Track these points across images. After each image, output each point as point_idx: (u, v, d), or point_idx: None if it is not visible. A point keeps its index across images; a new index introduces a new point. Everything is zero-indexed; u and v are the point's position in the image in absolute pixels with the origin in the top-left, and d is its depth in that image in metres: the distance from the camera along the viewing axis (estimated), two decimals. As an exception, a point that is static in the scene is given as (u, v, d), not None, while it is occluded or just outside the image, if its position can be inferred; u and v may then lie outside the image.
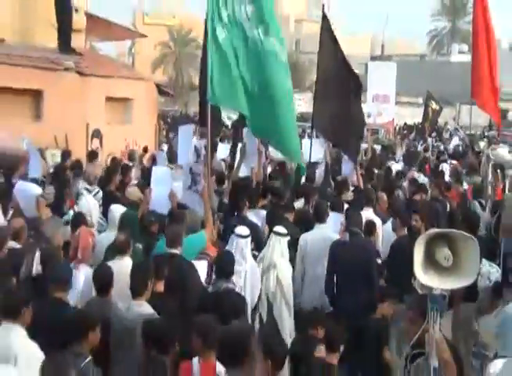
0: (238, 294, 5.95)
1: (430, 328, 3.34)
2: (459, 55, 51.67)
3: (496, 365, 3.65)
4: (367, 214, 8.42)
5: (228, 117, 20.64)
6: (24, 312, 4.57)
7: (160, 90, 18.97)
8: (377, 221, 8.35)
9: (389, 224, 8.38)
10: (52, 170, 10.53)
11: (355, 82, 11.10)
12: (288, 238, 6.91)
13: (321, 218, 7.86)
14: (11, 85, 12.42)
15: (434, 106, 27.33)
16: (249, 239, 6.75)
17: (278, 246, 6.76)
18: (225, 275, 5.96)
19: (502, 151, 17.79)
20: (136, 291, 5.41)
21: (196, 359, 4.67)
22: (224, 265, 6.02)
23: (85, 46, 16.85)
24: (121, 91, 15.21)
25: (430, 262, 3.21)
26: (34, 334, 4.63)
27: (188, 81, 40.99)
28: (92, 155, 11.71)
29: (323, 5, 11.47)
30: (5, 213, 7.83)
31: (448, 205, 10.59)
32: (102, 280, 5.63)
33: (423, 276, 3.18)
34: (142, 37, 28.20)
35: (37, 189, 8.27)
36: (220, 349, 4.26)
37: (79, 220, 7.31)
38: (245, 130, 10.80)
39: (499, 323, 3.86)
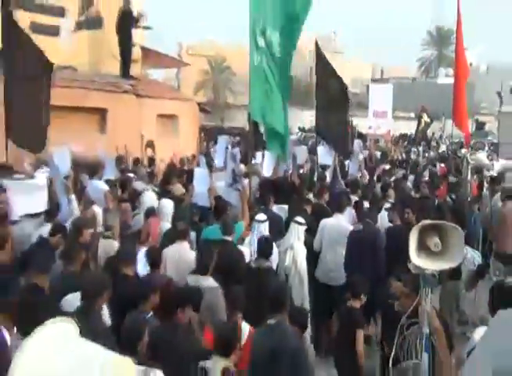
0: (274, 271, 6.03)
1: (422, 301, 3.32)
2: (445, 78, 51.20)
3: (481, 332, 3.62)
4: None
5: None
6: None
7: (201, 108, 19.01)
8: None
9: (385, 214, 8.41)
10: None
11: (346, 98, 11.29)
12: (305, 227, 6.91)
13: (340, 209, 7.88)
14: (82, 105, 12.56)
15: (425, 118, 27.11)
16: (266, 223, 6.86)
17: (295, 232, 6.76)
18: (265, 255, 6.05)
19: (480, 156, 17.61)
20: (204, 269, 5.44)
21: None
22: (264, 248, 6.09)
23: (141, 73, 16.94)
24: (169, 109, 15.28)
25: (423, 247, 3.19)
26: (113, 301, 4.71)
27: (223, 101, 40.96)
28: (150, 162, 11.96)
29: (316, 41, 11.32)
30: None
31: (436, 201, 10.52)
32: (154, 259, 5.69)
33: (417, 259, 3.17)
34: (186, 65, 28.32)
35: (105, 187, 8.37)
36: (270, 300, 4.50)
37: (150, 212, 7.43)
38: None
39: None
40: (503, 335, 2.16)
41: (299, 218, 6.93)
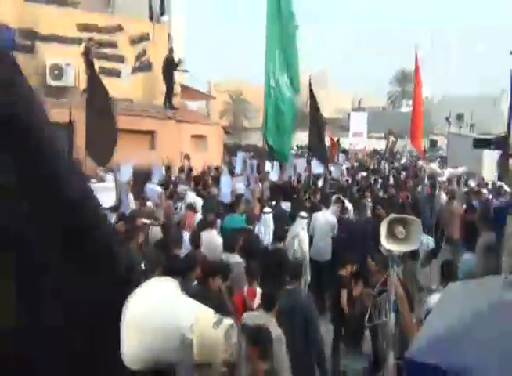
0: (285, 250, 6.06)
1: (390, 275, 3.34)
2: (407, 107, 50.98)
3: (435, 297, 3.64)
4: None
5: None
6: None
7: (224, 130, 19.11)
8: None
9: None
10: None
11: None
12: (307, 220, 6.95)
13: (327, 205, 7.99)
14: (138, 128, 12.67)
15: (392, 138, 27.03)
16: (271, 215, 6.95)
17: (300, 224, 6.78)
18: (278, 239, 6.16)
19: (433, 166, 17.49)
20: (232, 248, 5.48)
21: (245, 287, 4.77)
22: (279, 234, 6.32)
23: (180, 104, 17.04)
24: (201, 131, 15.36)
25: (391, 235, 3.22)
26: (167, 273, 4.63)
27: (240, 125, 41.07)
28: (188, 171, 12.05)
29: (310, 81, 11.31)
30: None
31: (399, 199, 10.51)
32: (196, 241, 5.73)
33: (386, 244, 3.20)
34: (213, 99, 28.39)
35: (159, 189, 8.46)
36: (289, 272, 4.57)
37: (189, 207, 7.50)
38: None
39: None
40: (453, 302, 2.20)
41: (303, 213, 6.97)
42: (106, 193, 7.20)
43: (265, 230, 6.74)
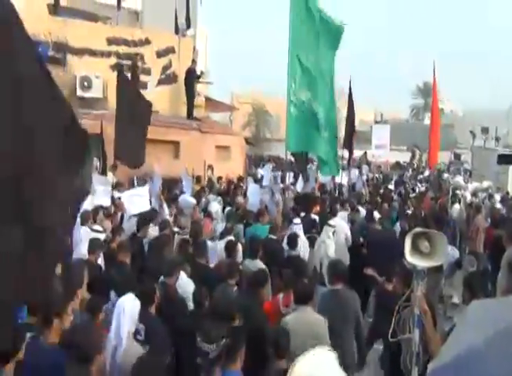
0: (300, 258, 6.04)
1: (414, 289, 3.27)
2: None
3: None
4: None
5: None
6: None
7: (247, 141, 19.19)
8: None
9: None
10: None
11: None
12: (335, 228, 6.96)
13: (335, 215, 8.02)
14: (163, 139, 12.85)
15: (418, 152, 26.73)
16: (301, 225, 7.06)
17: (326, 232, 6.86)
18: (293, 247, 6.20)
19: (458, 179, 17.19)
20: (254, 255, 5.57)
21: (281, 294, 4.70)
22: (292, 242, 6.27)
23: (204, 115, 17.23)
24: (224, 142, 15.44)
25: (415, 249, 3.16)
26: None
27: (262, 136, 41.23)
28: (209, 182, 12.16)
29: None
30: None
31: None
32: (231, 249, 5.74)
33: (411, 258, 3.14)
34: (236, 110, 28.61)
35: (193, 200, 8.56)
36: (334, 273, 4.64)
37: (209, 215, 7.76)
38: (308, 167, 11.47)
39: None
40: (476, 321, 2.13)
41: (331, 222, 7.06)
42: (138, 200, 7.35)
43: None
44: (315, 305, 4.26)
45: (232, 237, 6.42)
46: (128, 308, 3.33)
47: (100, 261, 5.23)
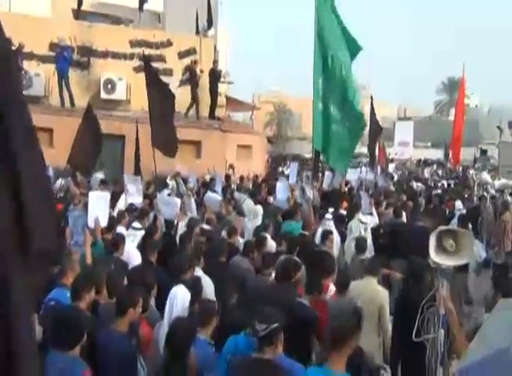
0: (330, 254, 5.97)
1: (439, 288, 3.17)
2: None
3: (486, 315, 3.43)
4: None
5: None
6: None
7: (268, 140, 19.15)
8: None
9: None
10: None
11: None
12: (366, 225, 7.08)
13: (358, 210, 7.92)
14: (184, 138, 12.87)
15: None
16: (332, 221, 7.11)
17: (358, 227, 6.94)
18: (324, 242, 6.15)
19: (484, 175, 16.74)
20: (293, 251, 5.50)
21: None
22: (324, 237, 6.21)
23: (225, 115, 17.26)
24: (246, 141, 15.41)
25: (440, 248, 3.06)
26: None
27: (284, 135, 41.14)
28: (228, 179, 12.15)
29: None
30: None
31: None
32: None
33: (436, 257, 3.04)
34: (257, 109, 28.59)
35: (219, 197, 8.64)
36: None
37: (241, 213, 7.69)
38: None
39: None
40: (502, 322, 2.05)
41: (362, 218, 7.15)
42: (170, 207, 7.42)
43: None
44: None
45: (268, 234, 6.40)
46: (179, 297, 3.65)
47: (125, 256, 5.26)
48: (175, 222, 6.88)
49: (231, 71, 23.52)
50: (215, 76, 14.49)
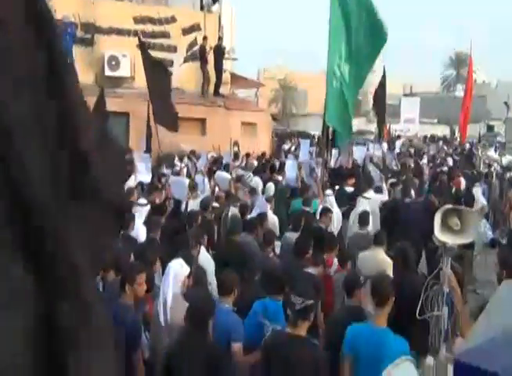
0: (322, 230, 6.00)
1: (443, 267, 3.13)
2: (462, 92, 48.04)
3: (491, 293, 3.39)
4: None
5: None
6: None
7: (273, 117, 18.94)
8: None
9: None
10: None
11: None
12: (369, 199, 7.04)
13: (370, 185, 8.03)
14: (189, 116, 12.79)
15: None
16: (333, 196, 7.18)
17: (363, 204, 6.91)
18: (322, 219, 6.20)
19: (490, 153, 16.51)
20: (296, 228, 5.64)
21: None
22: (322, 215, 6.29)
23: (230, 92, 17.02)
24: (250, 118, 15.26)
25: (446, 226, 3.00)
26: None
27: (289, 112, 40.72)
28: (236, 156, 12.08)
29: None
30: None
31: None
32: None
33: (441, 236, 2.99)
34: (262, 86, 28.17)
35: (228, 176, 8.73)
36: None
37: (253, 192, 7.79)
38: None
39: None
40: (508, 302, 2.01)
41: (367, 194, 7.17)
42: (179, 187, 7.43)
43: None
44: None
45: (270, 210, 6.51)
46: (172, 271, 3.65)
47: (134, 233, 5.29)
48: (185, 201, 6.89)
49: (236, 48, 23.08)
50: (220, 53, 14.22)
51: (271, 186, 8.34)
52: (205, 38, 14.24)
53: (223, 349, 3.14)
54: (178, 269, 3.73)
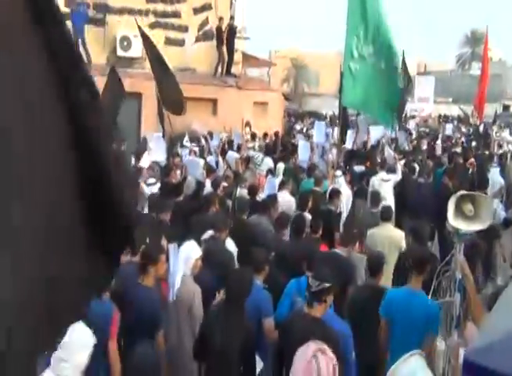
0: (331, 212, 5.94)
1: (456, 253, 3.03)
2: (477, 70, 46.68)
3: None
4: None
5: None
6: None
7: (285, 97, 18.64)
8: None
9: None
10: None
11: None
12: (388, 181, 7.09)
13: (383, 166, 7.96)
14: (201, 96, 12.65)
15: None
16: (343, 177, 7.16)
17: (381, 185, 6.94)
18: (331, 201, 6.10)
19: (504, 134, 16.09)
20: (303, 208, 5.59)
21: None
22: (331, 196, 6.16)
23: (241, 72, 16.75)
24: (262, 98, 15.05)
25: (459, 212, 2.89)
26: None
27: (301, 91, 40.11)
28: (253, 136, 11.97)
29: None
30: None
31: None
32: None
33: (454, 222, 2.88)
34: (274, 65, 27.72)
35: (237, 155, 8.70)
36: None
37: (270, 172, 7.79)
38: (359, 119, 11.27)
39: None
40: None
41: (384, 175, 7.18)
42: (196, 167, 7.39)
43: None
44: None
45: (287, 191, 6.40)
46: (184, 253, 3.65)
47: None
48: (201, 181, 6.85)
49: (248, 26, 22.60)
50: (232, 32, 13.93)
51: (281, 166, 8.25)
52: (221, 19, 13.93)
53: (255, 326, 3.24)
54: (189, 251, 3.71)
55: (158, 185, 6.26)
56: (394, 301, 3.31)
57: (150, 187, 6.17)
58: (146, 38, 9.28)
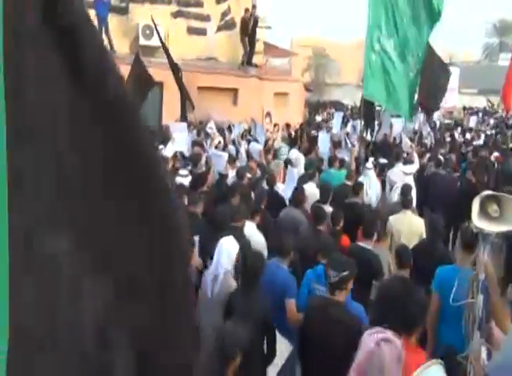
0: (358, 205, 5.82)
1: (480, 254, 2.92)
2: (506, 61, 44.99)
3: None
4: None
5: None
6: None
7: (305, 87, 18.41)
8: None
9: None
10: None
11: None
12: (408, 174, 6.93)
13: (398, 159, 7.79)
14: (222, 86, 12.57)
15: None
16: (373, 170, 7.02)
17: (401, 177, 6.75)
18: (355, 193, 5.98)
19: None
20: (324, 200, 5.49)
21: None
22: (355, 189, 6.06)
23: (262, 61, 16.57)
24: (283, 88, 14.87)
25: (484, 213, 2.79)
26: None
27: (322, 81, 39.56)
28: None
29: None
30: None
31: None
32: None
33: (478, 222, 2.78)
34: (295, 55, 27.38)
35: (260, 146, 8.65)
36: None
37: (289, 162, 7.61)
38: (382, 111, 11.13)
39: None
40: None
41: (405, 168, 7.00)
42: (220, 160, 7.34)
43: (370, 184, 6.74)
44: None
45: (313, 183, 6.31)
46: (226, 248, 3.63)
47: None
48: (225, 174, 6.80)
49: (269, 16, 22.31)
50: (254, 22, 13.75)
51: (301, 157, 8.13)
52: (247, 10, 13.75)
53: (276, 307, 3.30)
54: (231, 247, 3.66)
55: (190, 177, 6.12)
56: (444, 277, 3.41)
57: (183, 178, 6.05)
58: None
